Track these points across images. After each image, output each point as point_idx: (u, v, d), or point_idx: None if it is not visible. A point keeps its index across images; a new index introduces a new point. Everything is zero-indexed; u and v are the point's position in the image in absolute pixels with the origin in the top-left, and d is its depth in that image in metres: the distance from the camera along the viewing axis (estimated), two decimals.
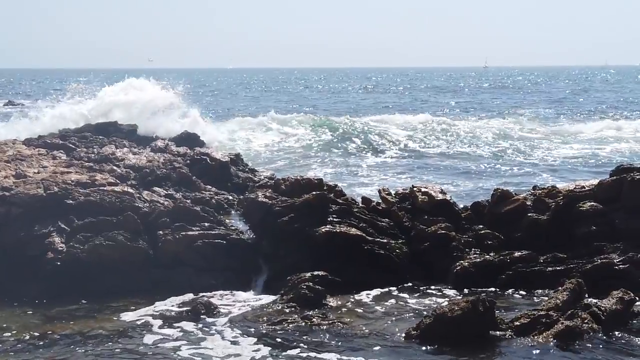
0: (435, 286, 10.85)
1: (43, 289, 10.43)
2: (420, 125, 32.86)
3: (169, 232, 11.10)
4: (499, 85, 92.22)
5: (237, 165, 15.23)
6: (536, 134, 31.18)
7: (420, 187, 12.46)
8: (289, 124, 32.23)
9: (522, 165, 23.38)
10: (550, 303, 8.98)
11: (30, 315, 9.76)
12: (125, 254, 10.83)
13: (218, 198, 13.00)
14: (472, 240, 11.49)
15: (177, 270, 10.92)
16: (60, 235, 11.00)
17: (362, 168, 22.77)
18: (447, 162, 24.11)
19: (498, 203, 11.97)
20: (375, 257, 11.02)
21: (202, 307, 9.74)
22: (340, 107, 51.91)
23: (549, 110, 47.03)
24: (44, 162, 12.93)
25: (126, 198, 11.64)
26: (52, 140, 15.15)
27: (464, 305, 8.49)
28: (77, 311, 9.94)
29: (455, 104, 55.77)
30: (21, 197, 11.25)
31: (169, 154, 14.99)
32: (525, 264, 10.80)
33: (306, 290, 9.90)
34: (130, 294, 10.44)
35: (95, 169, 12.97)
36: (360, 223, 11.36)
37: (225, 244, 11.15)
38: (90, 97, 24.13)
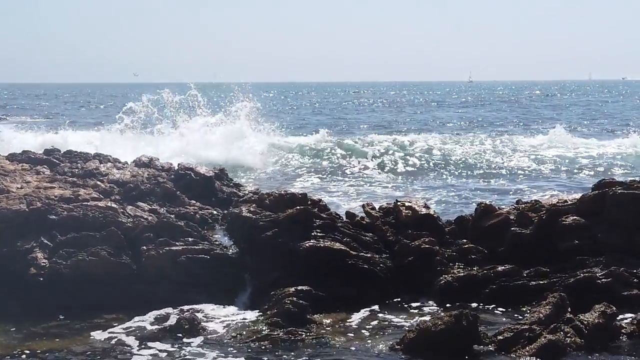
0: (419, 300, 10.87)
1: (25, 305, 10.35)
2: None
3: (153, 247, 11.08)
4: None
5: (221, 180, 15.22)
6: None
7: (404, 202, 12.51)
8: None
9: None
10: (533, 317, 9.03)
11: (12, 332, 9.68)
12: (109, 269, 10.78)
13: (202, 213, 12.98)
14: (455, 255, 11.52)
15: (160, 285, 10.88)
16: (43, 250, 10.95)
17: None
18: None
19: (482, 217, 12.02)
20: (359, 272, 11.03)
21: (186, 322, 9.71)
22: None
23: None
24: (27, 177, 12.88)
25: (110, 213, 11.61)
26: (35, 155, 15.10)
27: (448, 320, 8.53)
28: (59, 328, 9.87)
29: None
30: (3, 213, 11.19)
31: (153, 168, 14.96)
32: (509, 278, 10.84)
33: (290, 305, 9.89)
34: (113, 309, 10.38)
35: (79, 184, 12.94)
36: (344, 238, 11.38)
37: (209, 259, 11.13)
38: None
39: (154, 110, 28.43)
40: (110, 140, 27.03)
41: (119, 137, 27.97)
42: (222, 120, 29.20)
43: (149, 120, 29.48)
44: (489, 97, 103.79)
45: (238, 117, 29.39)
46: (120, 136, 28.15)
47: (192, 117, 29.53)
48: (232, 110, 29.38)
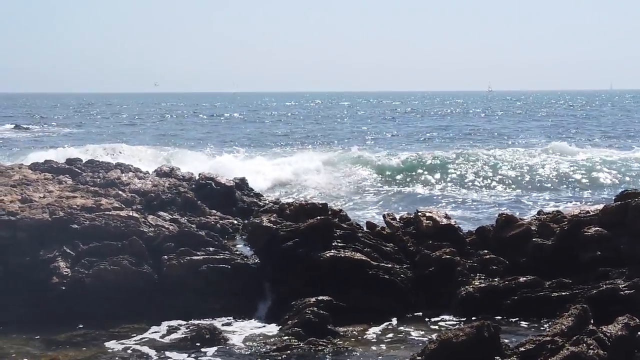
0: (439, 311, 10.83)
1: (48, 314, 10.42)
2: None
3: (174, 256, 11.12)
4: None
5: (242, 190, 15.27)
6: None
7: (425, 212, 12.47)
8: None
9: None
10: (555, 329, 8.94)
11: (35, 340, 9.75)
12: (130, 278, 10.83)
13: (223, 223, 13.03)
14: (476, 265, 11.47)
15: (181, 295, 10.92)
16: (66, 259, 11.02)
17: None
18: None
19: (503, 228, 11.97)
20: (379, 282, 11.01)
21: (207, 332, 9.73)
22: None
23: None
24: (49, 186, 12.98)
25: (131, 223, 11.66)
26: (58, 165, 15.22)
27: (469, 331, 8.47)
28: (81, 336, 9.92)
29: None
30: (27, 222, 11.28)
31: (174, 178, 15.04)
32: (531, 290, 10.78)
33: (311, 315, 9.88)
34: (134, 318, 10.42)
35: (101, 193, 13.01)
36: (364, 248, 11.37)
37: (230, 268, 11.15)
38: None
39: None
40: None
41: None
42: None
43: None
44: (510, 108, 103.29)
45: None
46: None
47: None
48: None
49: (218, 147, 35.87)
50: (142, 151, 29.29)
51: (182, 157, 27.32)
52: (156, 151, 29.90)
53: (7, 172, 13.68)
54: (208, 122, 68.64)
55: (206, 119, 75.08)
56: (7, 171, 13.74)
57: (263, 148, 37.73)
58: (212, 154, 29.78)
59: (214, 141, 42.78)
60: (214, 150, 32.12)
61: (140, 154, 28.52)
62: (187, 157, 27.49)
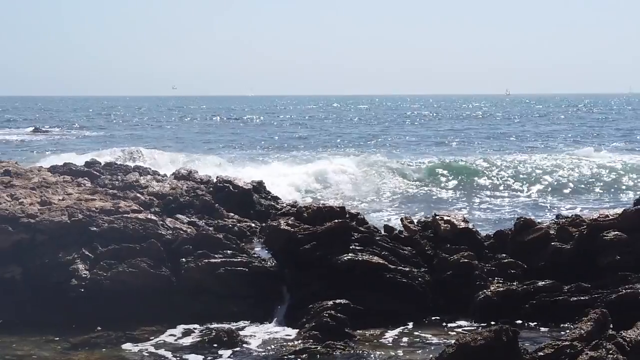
0: (457, 315, 10.80)
1: (66, 316, 10.49)
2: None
3: (192, 259, 11.15)
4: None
5: (259, 193, 15.25)
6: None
7: (442, 215, 12.43)
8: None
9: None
10: (574, 333, 8.89)
11: (55, 342, 9.81)
12: (148, 281, 10.88)
13: (241, 225, 13.03)
14: (495, 269, 11.43)
15: (199, 297, 10.95)
16: (84, 262, 11.08)
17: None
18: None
19: (521, 232, 11.92)
20: (397, 286, 10.99)
21: (224, 334, 9.75)
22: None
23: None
24: (68, 189, 13.03)
25: (150, 225, 11.70)
26: (76, 168, 15.29)
27: (487, 335, 8.43)
28: (99, 339, 9.97)
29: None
30: (46, 224, 11.35)
31: (192, 181, 15.06)
32: (549, 294, 10.73)
33: (328, 318, 9.88)
34: (152, 321, 10.46)
35: (119, 196, 13.05)
36: (382, 251, 11.35)
37: (248, 271, 11.17)
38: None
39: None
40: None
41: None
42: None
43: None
44: (529, 111, 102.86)
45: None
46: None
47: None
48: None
49: (241, 151, 36.04)
50: (168, 156, 29.30)
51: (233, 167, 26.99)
52: (188, 158, 29.31)
53: (27, 174, 13.74)
54: (233, 125, 68.90)
55: (233, 122, 75.21)
56: (27, 174, 13.81)
57: (283, 151, 37.85)
58: (262, 160, 29.71)
59: (241, 143, 42.99)
60: (240, 154, 32.07)
61: (161, 157, 28.60)
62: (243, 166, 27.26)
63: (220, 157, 30.40)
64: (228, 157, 30.75)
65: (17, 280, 10.91)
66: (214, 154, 31.86)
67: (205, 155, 31.60)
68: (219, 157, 30.49)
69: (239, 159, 31.01)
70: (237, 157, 31.89)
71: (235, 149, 39.60)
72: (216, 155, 31.26)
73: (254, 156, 32.82)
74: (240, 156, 32.26)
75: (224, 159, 29.02)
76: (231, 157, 30.90)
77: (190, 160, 27.38)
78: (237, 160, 29.60)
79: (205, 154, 32.32)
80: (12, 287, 10.86)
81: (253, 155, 33.80)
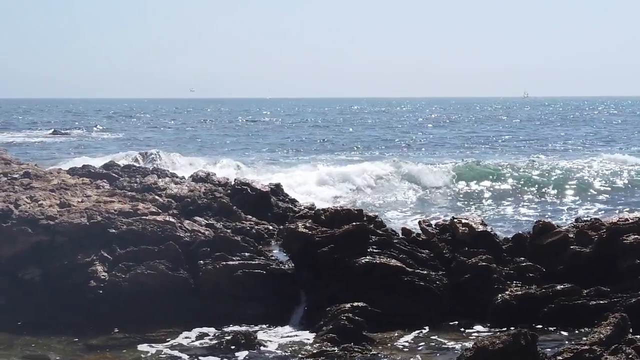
0: (475, 318, 10.75)
1: (85, 317, 10.54)
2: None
3: (210, 261, 11.17)
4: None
5: (277, 195, 15.26)
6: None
7: (460, 219, 12.40)
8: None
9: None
10: (593, 337, 8.84)
11: (74, 343, 9.87)
12: (166, 283, 10.91)
13: (258, 228, 13.05)
14: (513, 273, 11.38)
15: (216, 300, 10.97)
16: (103, 263, 11.13)
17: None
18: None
19: (540, 235, 11.87)
20: (415, 289, 10.96)
21: (242, 337, 9.76)
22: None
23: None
24: (87, 191, 13.10)
25: (168, 227, 11.74)
26: (95, 170, 15.37)
27: (506, 339, 8.39)
28: (117, 340, 10.02)
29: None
30: (65, 226, 11.41)
31: (210, 183, 15.10)
32: (568, 298, 10.67)
33: (346, 321, 9.87)
34: (170, 323, 10.50)
35: (138, 198, 13.10)
36: (400, 254, 11.33)
37: (265, 274, 11.18)
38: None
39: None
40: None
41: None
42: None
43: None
44: (549, 114, 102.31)
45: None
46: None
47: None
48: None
49: (261, 153, 35.99)
50: (187, 158, 29.34)
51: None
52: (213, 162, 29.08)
53: (46, 176, 13.82)
54: (253, 127, 68.97)
55: (253, 124, 75.18)
56: (46, 176, 13.89)
57: (304, 154, 37.86)
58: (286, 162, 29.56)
59: (265, 144, 42.97)
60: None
61: (179, 159, 28.67)
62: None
63: (239, 159, 30.38)
64: (248, 160, 30.76)
65: (37, 281, 10.98)
66: (232, 157, 31.82)
67: (225, 157, 31.64)
68: (240, 159, 30.46)
69: (258, 161, 31.03)
70: (255, 160, 31.90)
71: (257, 152, 39.61)
72: (237, 158, 31.18)
73: (276, 158, 32.83)
74: (261, 159, 32.24)
75: (242, 162, 29.01)
76: (251, 160, 30.91)
77: (210, 163, 27.41)
78: (258, 164, 29.62)
79: (225, 156, 32.36)
80: (32, 288, 10.94)
81: (275, 157, 33.81)
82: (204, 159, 29.81)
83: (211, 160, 29.12)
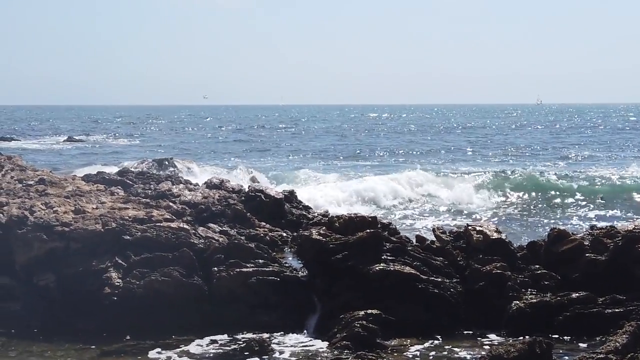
0: (490, 326, 10.71)
1: (100, 324, 10.58)
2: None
3: (224, 268, 11.18)
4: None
5: (291, 202, 15.30)
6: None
7: (475, 226, 12.36)
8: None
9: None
10: (609, 346, 8.80)
11: (87, 350, 9.90)
12: (180, 289, 10.92)
13: (272, 235, 13.07)
14: (528, 281, 11.33)
15: (231, 306, 10.97)
16: (117, 270, 11.16)
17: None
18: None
19: (555, 243, 11.81)
20: (429, 296, 10.93)
21: (256, 344, 9.76)
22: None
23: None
24: (102, 197, 13.15)
25: (182, 234, 11.76)
26: (110, 176, 15.45)
27: (521, 347, 8.37)
28: (131, 347, 10.05)
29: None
30: (80, 233, 11.45)
31: (223, 190, 15.14)
32: (584, 306, 10.61)
33: (360, 329, 9.85)
34: (184, 330, 10.51)
35: (152, 205, 13.14)
36: (414, 261, 11.30)
37: (279, 281, 11.18)
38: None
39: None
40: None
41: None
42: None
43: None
44: (563, 120, 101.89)
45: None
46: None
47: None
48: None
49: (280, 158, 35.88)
50: (201, 165, 29.40)
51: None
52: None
53: (61, 183, 13.89)
54: (267, 133, 68.99)
55: (269, 130, 75.13)
56: (61, 182, 13.95)
57: (320, 160, 37.83)
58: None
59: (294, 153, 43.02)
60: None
61: (193, 166, 28.74)
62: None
63: (253, 166, 30.42)
64: (261, 167, 30.80)
65: (51, 287, 11.03)
66: (247, 164, 31.88)
67: (240, 163, 31.69)
68: (255, 166, 30.49)
69: (274, 168, 31.06)
70: (270, 167, 31.95)
71: (279, 157, 39.69)
72: (250, 165, 31.21)
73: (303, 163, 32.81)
74: (278, 165, 32.22)
75: (256, 168, 29.02)
76: (266, 167, 30.96)
77: (228, 170, 27.42)
78: (274, 170, 29.68)
79: (239, 162, 32.43)
80: (47, 294, 11.00)
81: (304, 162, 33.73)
82: (219, 166, 29.91)
83: (226, 167, 29.20)
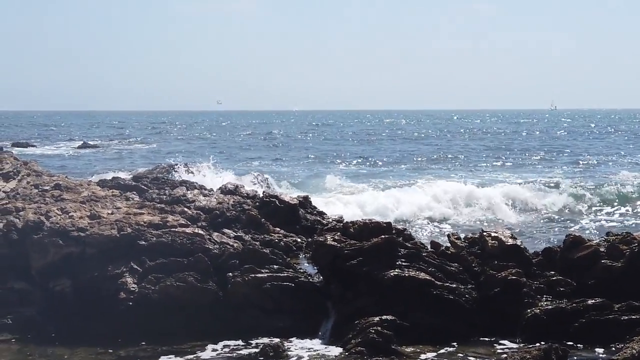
0: (505, 333, 10.67)
1: (115, 328, 10.61)
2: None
3: (239, 274, 11.20)
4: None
5: (305, 208, 15.30)
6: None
7: (490, 232, 12.32)
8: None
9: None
10: (625, 353, 8.77)
11: (103, 354, 9.94)
12: (195, 295, 10.95)
13: (287, 240, 13.08)
14: (543, 287, 11.29)
15: (245, 312, 10.99)
16: (133, 275, 11.20)
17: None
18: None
19: (570, 249, 11.76)
20: (444, 302, 10.91)
21: (270, 349, 9.77)
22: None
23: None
24: (117, 203, 13.20)
25: (197, 239, 11.79)
26: (125, 182, 15.51)
27: (536, 354, 8.36)
28: (146, 352, 10.08)
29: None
30: (95, 238, 11.51)
31: (238, 195, 15.17)
32: (599, 313, 10.55)
33: (374, 334, 9.84)
34: (198, 335, 10.54)
35: (167, 210, 13.17)
36: (429, 267, 11.28)
37: (294, 286, 11.19)
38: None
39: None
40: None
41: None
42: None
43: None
44: (579, 127, 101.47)
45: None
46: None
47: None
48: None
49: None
50: (215, 170, 29.47)
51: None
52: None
53: (76, 188, 13.95)
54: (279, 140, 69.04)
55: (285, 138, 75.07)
56: (76, 187, 14.01)
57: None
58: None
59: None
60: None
61: (208, 171, 28.77)
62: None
63: (269, 172, 30.42)
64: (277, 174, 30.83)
65: (67, 292, 11.09)
66: (263, 169, 31.89)
67: (255, 169, 31.72)
68: (271, 172, 30.47)
69: (290, 176, 31.07)
70: (283, 174, 31.96)
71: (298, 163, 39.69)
72: (266, 171, 31.21)
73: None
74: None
75: (271, 174, 29.01)
76: (279, 175, 30.97)
77: (240, 175, 27.39)
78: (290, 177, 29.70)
79: (254, 169, 32.46)
80: (62, 300, 11.05)
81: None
82: (233, 171, 29.91)
83: (240, 173, 29.20)
